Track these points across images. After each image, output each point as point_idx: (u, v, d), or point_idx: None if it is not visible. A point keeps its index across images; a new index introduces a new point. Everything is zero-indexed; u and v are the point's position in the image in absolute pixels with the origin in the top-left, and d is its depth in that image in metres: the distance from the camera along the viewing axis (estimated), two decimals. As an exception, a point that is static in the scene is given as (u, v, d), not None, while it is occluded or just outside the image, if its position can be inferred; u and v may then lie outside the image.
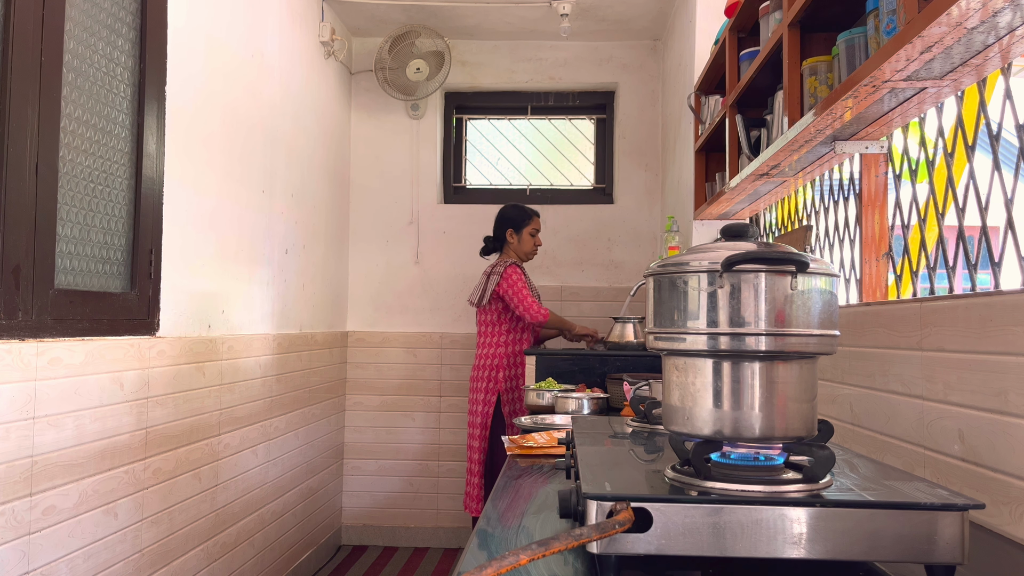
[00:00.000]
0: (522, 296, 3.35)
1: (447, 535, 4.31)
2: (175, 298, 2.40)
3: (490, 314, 3.49)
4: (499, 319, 3.48)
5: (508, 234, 3.52)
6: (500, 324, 3.49)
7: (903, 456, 1.41)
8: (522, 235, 3.51)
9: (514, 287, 3.35)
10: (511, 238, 3.52)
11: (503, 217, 3.57)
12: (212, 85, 2.65)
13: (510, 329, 3.48)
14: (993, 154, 1.43)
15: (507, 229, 3.52)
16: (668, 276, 0.99)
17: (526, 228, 3.51)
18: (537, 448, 1.77)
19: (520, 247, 3.53)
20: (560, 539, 0.77)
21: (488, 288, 3.42)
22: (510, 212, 3.56)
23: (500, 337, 3.48)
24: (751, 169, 2.17)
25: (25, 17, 1.75)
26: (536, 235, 3.54)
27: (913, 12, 1.18)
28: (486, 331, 3.51)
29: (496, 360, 3.46)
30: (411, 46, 4.04)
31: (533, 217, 3.54)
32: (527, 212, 3.54)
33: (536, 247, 3.56)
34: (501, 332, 3.48)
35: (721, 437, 0.95)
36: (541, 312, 3.35)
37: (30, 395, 1.75)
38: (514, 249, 3.54)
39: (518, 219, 3.52)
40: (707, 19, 3.21)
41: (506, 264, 3.42)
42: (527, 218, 3.53)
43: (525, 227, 3.51)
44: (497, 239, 3.58)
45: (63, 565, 1.87)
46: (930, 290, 1.63)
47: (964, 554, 0.81)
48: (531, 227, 3.52)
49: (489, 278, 3.44)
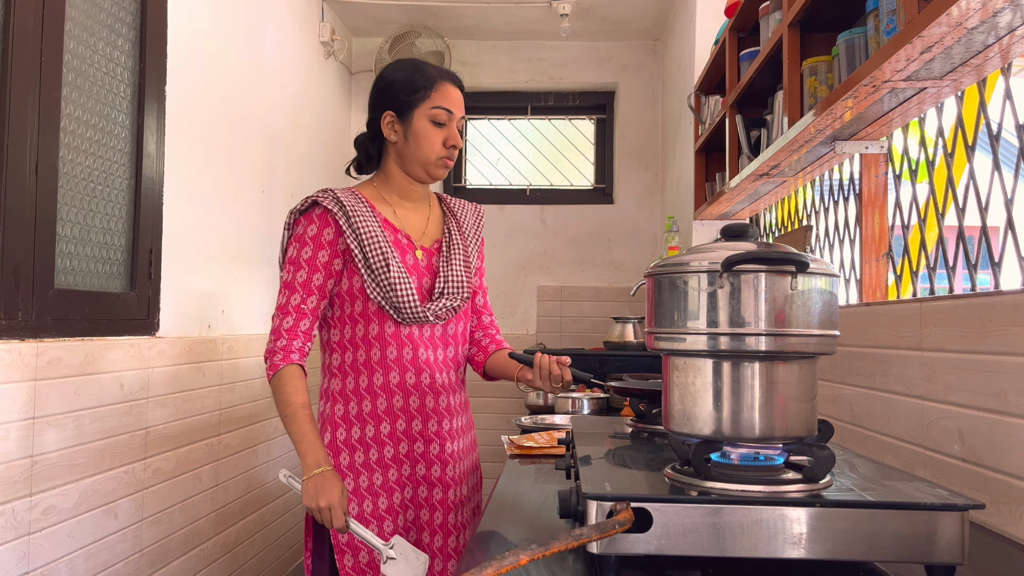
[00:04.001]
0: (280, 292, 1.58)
1: (447, 535, 4.31)
2: (175, 298, 2.40)
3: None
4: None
5: (385, 123, 1.63)
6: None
7: (903, 456, 1.41)
8: (411, 122, 1.61)
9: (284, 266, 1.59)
10: (391, 132, 1.63)
11: (376, 89, 1.66)
12: (212, 85, 2.65)
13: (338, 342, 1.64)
14: (993, 154, 1.43)
15: (383, 112, 1.63)
16: (668, 276, 0.99)
17: (421, 108, 1.60)
18: (537, 448, 1.77)
19: (409, 150, 1.63)
20: (560, 539, 0.77)
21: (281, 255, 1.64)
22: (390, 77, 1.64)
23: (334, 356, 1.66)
24: (751, 169, 2.17)
25: (25, 17, 1.75)
26: (446, 124, 1.61)
27: (913, 12, 1.18)
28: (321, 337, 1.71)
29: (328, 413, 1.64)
30: (411, 46, 4.04)
31: (437, 83, 1.61)
32: (423, 74, 1.62)
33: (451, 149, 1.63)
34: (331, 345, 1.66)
35: (721, 437, 0.95)
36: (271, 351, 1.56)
37: (30, 395, 1.75)
38: (396, 156, 1.66)
39: (405, 90, 1.61)
40: (707, 19, 3.21)
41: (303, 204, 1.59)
42: (422, 86, 1.60)
43: (420, 105, 1.60)
44: (371, 136, 1.68)
45: (63, 565, 1.87)
46: (930, 290, 1.63)
47: (964, 554, 0.81)
48: (430, 104, 1.60)
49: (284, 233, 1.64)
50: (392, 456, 1.58)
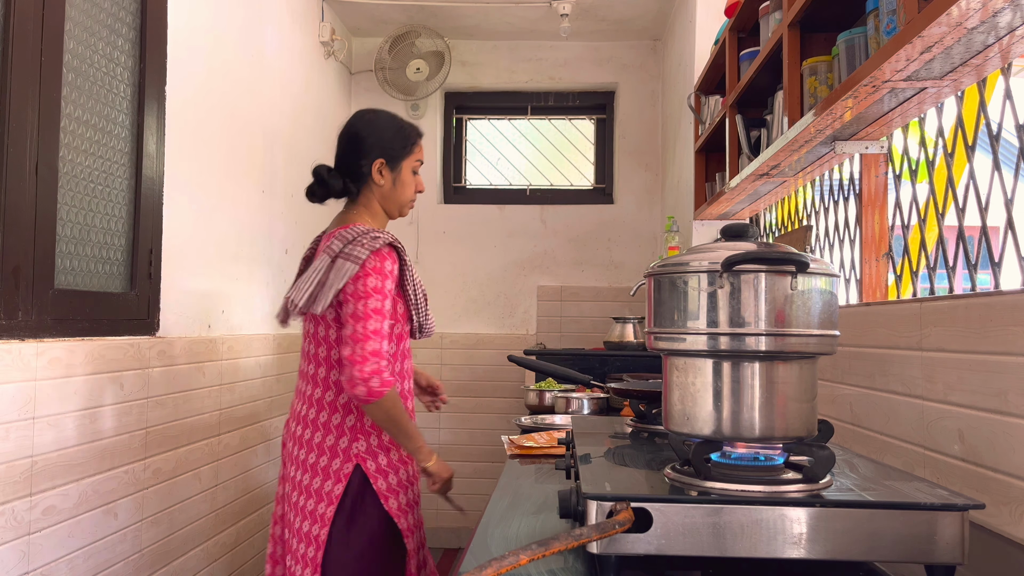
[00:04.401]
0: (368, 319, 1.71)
1: (447, 535, 4.31)
2: (175, 298, 2.40)
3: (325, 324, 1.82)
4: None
5: (375, 168, 1.88)
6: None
7: (903, 456, 1.41)
8: (400, 172, 1.91)
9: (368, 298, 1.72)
10: (380, 176, 1.89)
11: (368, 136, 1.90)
12: (212, 85, 2.65)
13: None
14: (993, 154, 1.43)
15: (375, 160, 1.88)
16: (668, 276, 0.99)
17: (408, 160, 1.92)
18: (537, 448, 1.78)
19: (393, 193, 1.91)
20: (560, 539, 0.77)
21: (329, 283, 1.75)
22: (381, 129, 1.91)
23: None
24: (751, 169, 2.17)
25: (25, 17, 1.75)
26: (419, 174, 1.97)
27: (913, 12, 1.18)
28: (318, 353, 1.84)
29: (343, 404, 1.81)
30: (411, 46, 4.04)
31: (419, 141, 1.96)
32: (409, 132, 1.94)
33: (417, 193, 1.97)
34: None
35: (721, 437, 0.95)
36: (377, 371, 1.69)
37: (30, 395, 1.75)
38: (381, 196, 1.91)
39: (396, 144, 1.90)
40: (707, 19, 3.21)
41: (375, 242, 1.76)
42: (410, 142, 1.93)
43: (407, 157, 1.91)
44: (350, 173, 1.91)
45: (63, 565, 1.87)
46: (930, 290, 1.63)
47: (964, 554, 0.81)
48: (414, 158, 1.93)
49: (335, 263, 1.76)
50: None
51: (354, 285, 1.73)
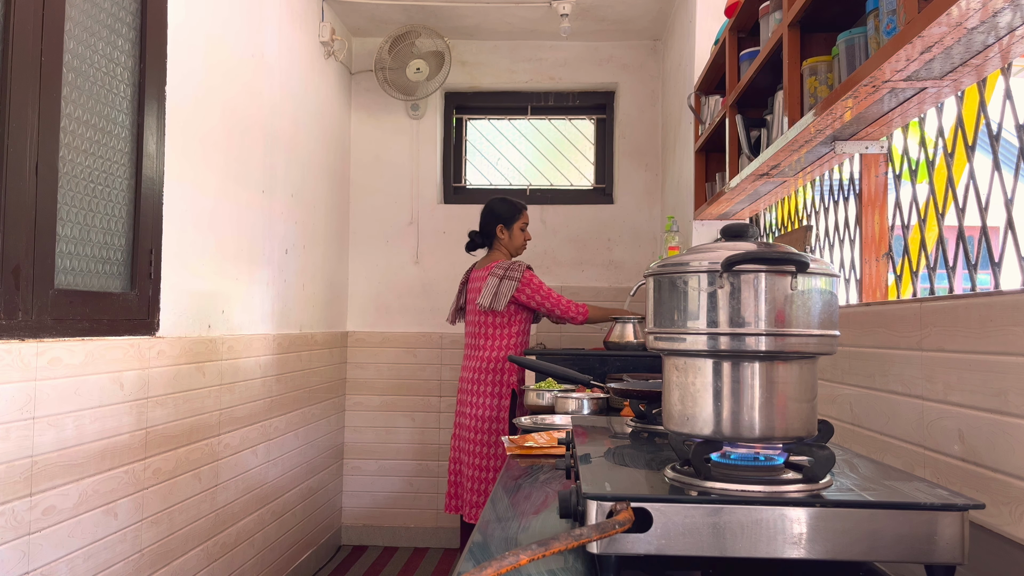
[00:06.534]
0: (555, 298, 3.24)
1: (447, 535, 4.31)
2: (175, 298, 2.40)
3: (502, 316, 3.28)
4: (510, 320, 3.30)
5: (499, 230, 3.34)
6: (512, 325, 3.31)
7: (903, 456, 1.41)
8: (513, 231, 3.34)
9: (540, 291, 3.22)
10: (502, 234, 3.34)
11: (492, 213, 3.38)
12: (212, 85, 2.65)
13: (520, 331, 3.34)
14: (993, 154, 1.43)
15: (497, 225, 3.34)
16: (668, 276, 0.99)
17: (516, 223, 3.34)
18: (537, 448, 1.78)
19: (511, 243, 3.36)
20: (560, 539, 0.77)
21: (502, 292, 3.21)
22: (499, 207, 3.37)
23: (511, 339, 3.31)
24: (751, 169, 2.17)
25: (25, 17, 1.75)
26: (526, 229, 3.39)
27: (913, 12, 1.18)
28: (493, 333, 3.28)
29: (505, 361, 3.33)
30: (411, 46, 4.04)
31: (523, 211, 3.38)
32: (517, 206, 3.37)
33: (526, 242, 3.41)
34: (512, 334, 3.32)
35: (721, 437, 0.95)
36: (581, 310, 3.26)
37: (30, 395, 1.75)
38: (504, 245, 3.36)
39: (508, 215, 3.35)
40: (707, 19, 3.21)
41: (520, 267, 3.23)
42: (517, 213, 3.36)
43: (516, 222, 3.34)
44: (485, 235, 3.40)
45: (63, 565, 1.87)
46: (930, 290, 1.63)
47: (964, 554, 0.81)
48: (521, 222, 3.36)
49: (502, 281, 3.21)
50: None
51: (528, 289, 3.21)
